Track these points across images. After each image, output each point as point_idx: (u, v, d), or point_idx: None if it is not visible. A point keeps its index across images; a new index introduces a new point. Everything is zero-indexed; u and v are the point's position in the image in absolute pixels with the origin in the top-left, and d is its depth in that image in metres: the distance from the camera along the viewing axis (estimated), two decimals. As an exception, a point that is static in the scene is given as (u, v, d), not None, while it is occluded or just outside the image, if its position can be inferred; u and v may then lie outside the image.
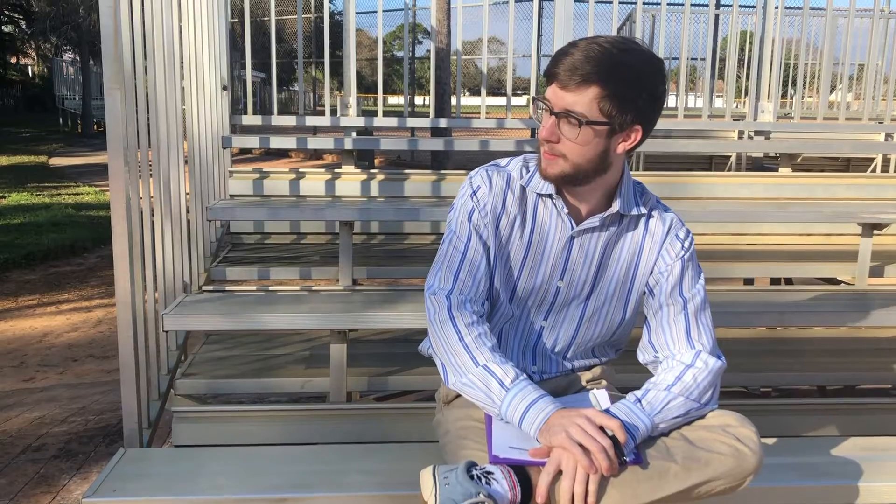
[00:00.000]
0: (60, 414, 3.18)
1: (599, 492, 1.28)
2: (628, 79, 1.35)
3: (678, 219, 1.57)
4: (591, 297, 1.56)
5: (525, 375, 1.40)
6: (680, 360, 1.48)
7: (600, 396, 1.53)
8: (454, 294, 1.47)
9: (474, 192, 1.52)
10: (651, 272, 1.54)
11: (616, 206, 1.49)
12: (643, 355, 1.57)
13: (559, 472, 1.29)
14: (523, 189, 1.52)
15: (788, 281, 3.59)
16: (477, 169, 1.55)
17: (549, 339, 1.58)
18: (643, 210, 1.53)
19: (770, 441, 1.85)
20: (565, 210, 1.49)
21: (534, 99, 1.44)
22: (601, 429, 1.30)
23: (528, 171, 1.52)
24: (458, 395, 1.55)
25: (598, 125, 1.37)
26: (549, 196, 1.50)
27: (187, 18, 2.64)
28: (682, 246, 1.53)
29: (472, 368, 1.40)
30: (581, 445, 1.28)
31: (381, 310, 2.21)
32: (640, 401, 1.41)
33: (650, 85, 1.38)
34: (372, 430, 2.14)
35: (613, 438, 1.30)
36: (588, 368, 1.65)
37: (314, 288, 2.72)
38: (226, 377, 2.42)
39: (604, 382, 1.64)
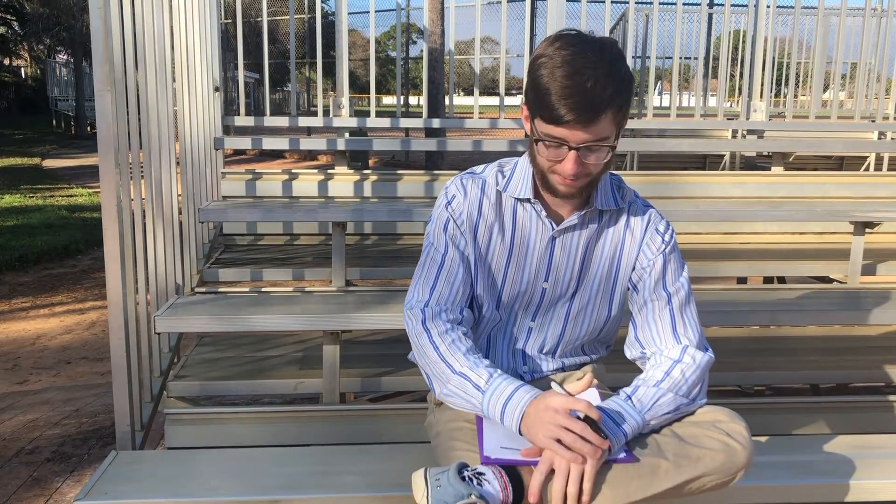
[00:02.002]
0: (54, 416, 3.18)
1: (593, 490, 1.28)
2: (628, 88, 1.36)
3: (657, 212, 1.57)
4: (576, 295, 1.57)
5: (500, 371, 1.41)
6: (667, 355, 1.49)
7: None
8: (429, 306, 1.48)
9: (449, 202, 1.53)
10: (634, 268, 1.55)
11: (594, 203, 1.49)
12: (630, 352, 1.57)
13: (552, 472, 1.29)
14: (499, 194, 1.53)
15: (781, 279, 3.61)
16: (452, 178, 1.56)
17: (537, 339, 1.59)
18: (622, 204, 1.54)
19: (762, 439, 1.86)
20: (544, 213, 1.50)
21: (536, 141, 1.38)
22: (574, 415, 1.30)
23: (503, 177, 1.53)
24: (449, 396, 1.55)
25: (617, 138, 1.38)
26: (528, 200, 1.50)
27: (179, 19, 2.64)
28: (663, 240, 1.54)
29: (451, 377, 1.41)
30: (559, 441, 1.28)
31: (374, 311, 2.21)
32: (630, 398, 1.41)
33: (633, 83, 1.40)
34: (365, 431, 2.15)
35: (587, 419, 1.30)
36: (578, 367, 1.65)
37: (307, 289, 2.72)
38: (219, 379, 2.41)
39: (595, 381, 1.64)
